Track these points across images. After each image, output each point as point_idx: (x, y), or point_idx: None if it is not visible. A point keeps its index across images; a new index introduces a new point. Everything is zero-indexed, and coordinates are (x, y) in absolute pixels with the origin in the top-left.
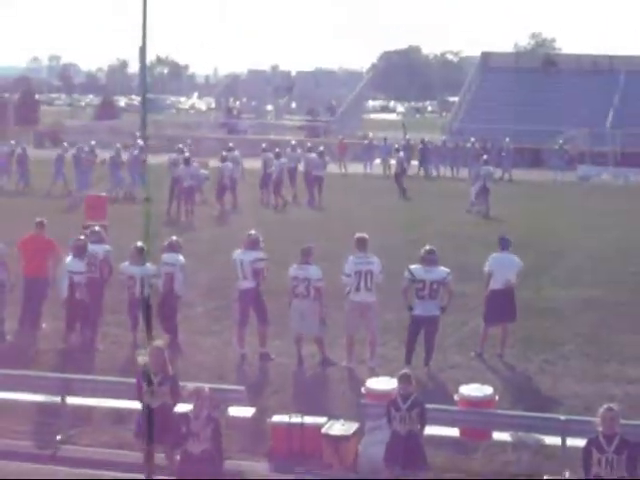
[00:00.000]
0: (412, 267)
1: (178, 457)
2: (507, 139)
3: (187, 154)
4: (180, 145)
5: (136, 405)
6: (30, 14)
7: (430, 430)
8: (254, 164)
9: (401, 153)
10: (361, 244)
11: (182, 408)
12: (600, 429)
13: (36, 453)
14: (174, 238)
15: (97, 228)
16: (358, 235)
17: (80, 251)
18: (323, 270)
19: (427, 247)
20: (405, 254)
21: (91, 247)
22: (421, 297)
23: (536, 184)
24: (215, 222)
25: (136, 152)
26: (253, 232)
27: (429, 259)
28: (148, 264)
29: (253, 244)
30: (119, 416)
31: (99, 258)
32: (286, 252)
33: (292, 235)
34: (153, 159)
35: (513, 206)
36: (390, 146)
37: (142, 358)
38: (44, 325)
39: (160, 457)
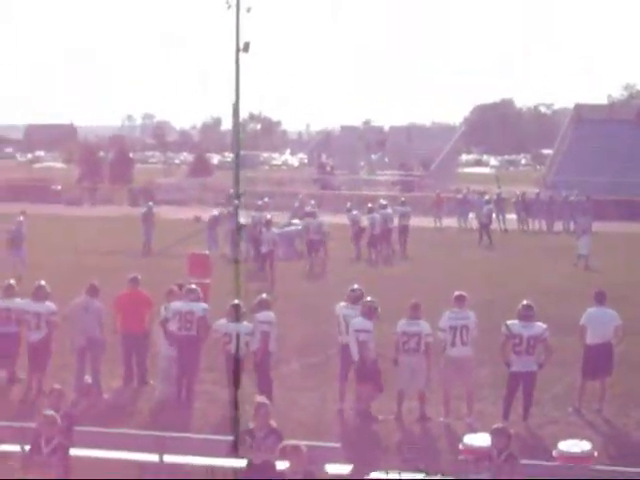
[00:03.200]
0: (509, 322)
1: None
2: (575, 192)
3: (268, 216)
4: (259, 202)
5: (233, 462)
6: (124, 73)
7: None
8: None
9: (491, 205)
10: (459, 300)
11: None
12: None
13: None
14: (264, 296)
15: (193, 286)
16: (457, 292)
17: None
18: None
19: (524, 302)
20: (501, 309)
21: (188, 305)
22: (518, 352)
23: (633, 236)
24: (305, 277)
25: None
26: (356, 286)
27: (526, 314)
28: (245, 322)
29: (357, 299)
30: (217, 474)
31: (197, 316)
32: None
33: (387, 290)
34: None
35: (611, 258)
36: (482, 201)
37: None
38: (151, 382)
39: None
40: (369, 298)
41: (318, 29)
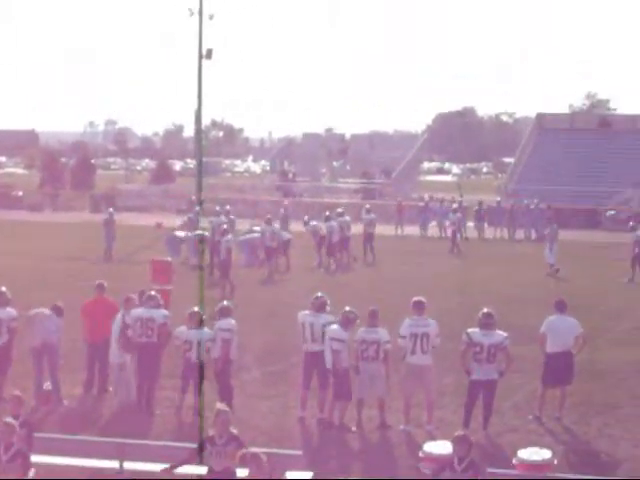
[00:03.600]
0: (470, 331)
1: None
2: (535, 200)
3: (224, 225)
4: (217, 208)
5: (194, 470)
6: (87, 79)
7: None
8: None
9: (458, 214)
10: (418, 307)
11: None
12: None
13: None
14: (225, 303)
15: (153, 292)
16: (415, 298)
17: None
18: None
19: (485, 310)
20: (462, 317)
21: (149, 312)
22: (479, 361)
23: (593, 245)
24: (264, 284)
25: (192, 216)
26: (320, 294)
27: (487, 323)
28: (205, 329)
29: (321, 307)
30: None
31: (157, 323)
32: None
33: (347, 298)
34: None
35: (570, 267)
36: (446, 208)
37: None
38: (110, 388)
39: None
40: (348, 308)
41: (281, 37)
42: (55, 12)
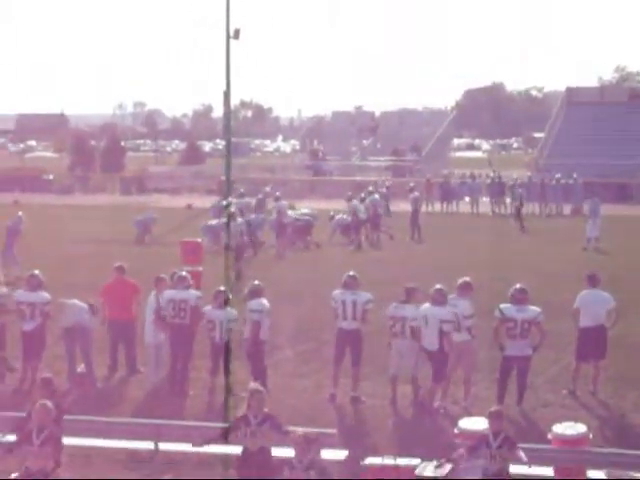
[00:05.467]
0: (502, 306)
1: None
2: (574, 174)
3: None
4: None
5: (228, 449)
6: (115, 61)
7: (524, 469)
8: (341, 206)
9: (519, 189)
10: (460, 288)
11: (279, 453)
12: None
13: None
14: (256, 283)
15: (184, 273)
16: (460, 281)
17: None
18: None
19: (517, 286)
20: (496, 292)
21: (181, 293)
22: (512, 336)
23: (625, 219)
24: (296, 264)
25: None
26: (352, 273)
27: (520, 298)
28: (228, 308)
29: (356, 284)
30: (211, 461)
31: (190, 304)
32: (373, 291)
33: (380, 274)
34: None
35: (606, 242)
36: (479, 184)
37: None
38: (142, 369)
39: None
40: (438, 286)
41: (309, 15)
42: None
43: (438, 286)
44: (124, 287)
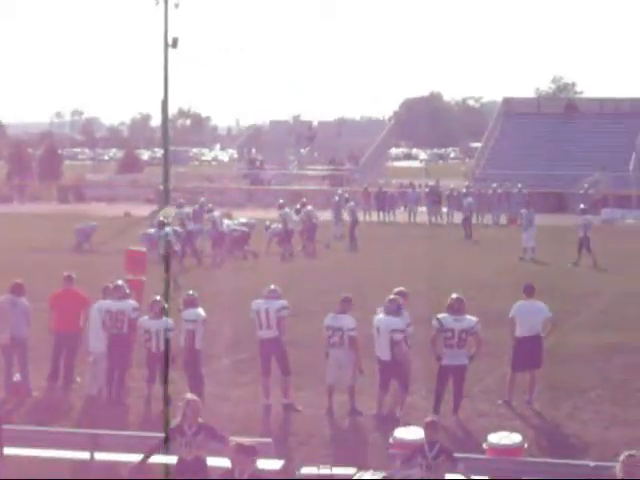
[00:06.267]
0: (440, 316)
1: None
2: (519, 185)
3: (160, 217)
4: (181, 200)
5: (164, 459)
6: (52, 70)
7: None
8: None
9: (469, 198)
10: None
11: (214, 462)
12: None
13: None
14: (190, 292)
15: (120, 282)
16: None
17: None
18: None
19: (454, 295)
20: (432, 302)
21: (118, 304)
22: (450, 346)
23: (560, 229)
24: (234, 274)
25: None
26: (273, 286)
27: (457, 308)
28: (164, 318)
29: (275, 294)
30: (148, 471)
31: (127, 315)
32: (308, 301)
33: (315, 285)
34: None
35: (540, 251)
36: (416, 193)
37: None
38: (78, 379)
39: None
40: (393, 295)
41: (247, 23)
42: (18, 1)
43: (392, 296)
44: (72, 298)
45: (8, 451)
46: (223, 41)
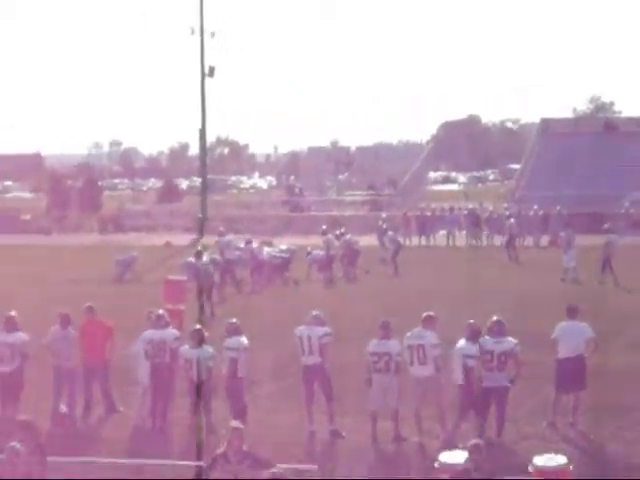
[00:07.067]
0: (480, 339)
1: None
2: (558, 207)
3: (199, 247)
4: (221, 228)
5: None
6: (91, 101)
7: None
8: (318, 241)
9: (512, 220)
10: (425, 321)
11: None
12: None
13: None
14: (233, 321)
15: (161, 312)
16: (426, 313)
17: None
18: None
19: (494, 318)
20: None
21: (159, 333)
22: (490, 369)
23: (600, 249)
24: (274, 301)
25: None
26: (315, 312)
27: (497, 330)
28: (205, 347)
29: (318, 321)
30: None
31: (168, 344)
32: (350, 327)
33: (356, 310)
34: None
35: (581, 271)
36: (456, 217)
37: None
38: (121, 409)
39: None
40: (472, 320)
41: (283, 51)
42: (55, 32)
43: (471, 321)
44: (96, 328)
45: None
46: (260, 67)
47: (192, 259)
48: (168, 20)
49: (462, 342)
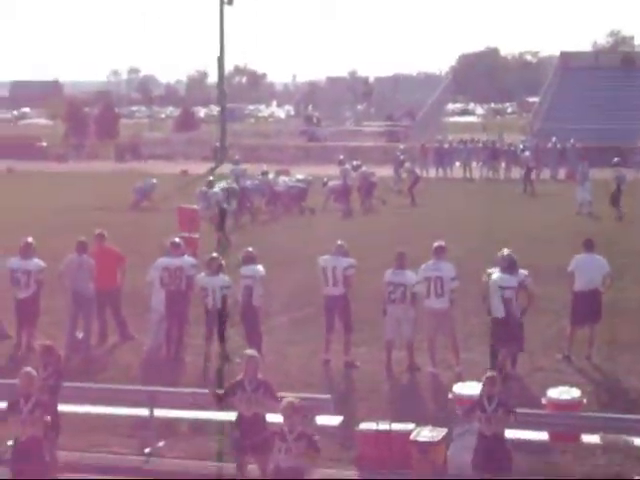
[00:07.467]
0: (490, 271)
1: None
2: (572, 140)
3: (210, 177)
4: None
5: (222, 416)
6: (109, 28)
7: (518, 434)
8: (335, 171)
9: (527, 153)
10: (436, 252)
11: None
12: None
13: (126, 467)
14: (249, 249)
15: (177, 240)
16: (436, 243)
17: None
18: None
19: (505, 251)
20: (488, 257)
21: (176, 260)
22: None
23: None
24: (291, 230)
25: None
26: (340, 242)
27: (507, 263)
28: (221, 275)
29: (342, 250)
30: (206, 427)
31: (185, 271)
32: (367, 257)
33: (373, 241)
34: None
35: (597, 205)
36: (471, 149)
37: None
38: (136, 336)
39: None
40: (506, 251)
41: None
42: None
43: (506, 252)
44: (107, 255)
45: (69, 408)
46: None
47: (204, 188)
48: None
49: (497, 274)
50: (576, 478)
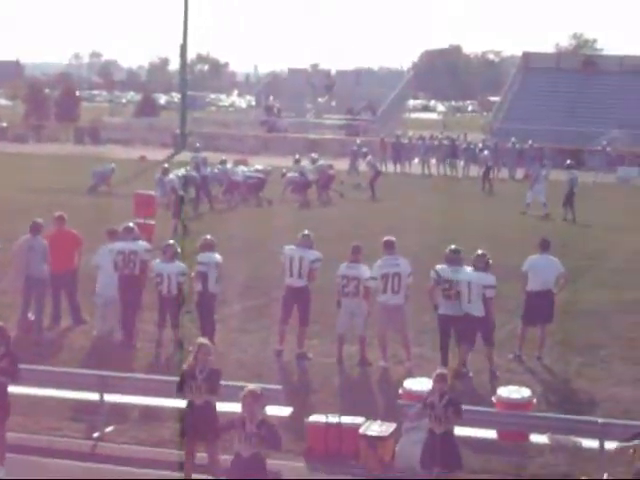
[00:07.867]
0: (438, 267)
1: (229, 459)
2: (530, 141)
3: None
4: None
5: (173, 403)
6: (72, 11)
7: (467, 432)
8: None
9: (485, 152)
10: (388, 246)
11: (224, 407)
12: None
13: (74, 450)
14: (208, 237)
15: (131, 225)
16: (386, 238)
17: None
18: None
19: (452, 247)
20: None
21: (130, 245)
22: (447, 297)
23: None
24: (248, 220)
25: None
26: (306, 232)
27: (454, 259)
28: (177, 262)
29: (308, 241)
30: (157, 414)
31: (139, 256)
32: (321, 250)
33: (328, 233)
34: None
35: (553, 207)
36: (429, 145)
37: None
38: (88, 319)
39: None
40: (480, 251)
41: None
42: None
43: (480, 252)
44: (65, 238)
45: (19, 390)
46: None
47: (160, 175)
48: None
49: (475, 273)
50: (523, 477)
